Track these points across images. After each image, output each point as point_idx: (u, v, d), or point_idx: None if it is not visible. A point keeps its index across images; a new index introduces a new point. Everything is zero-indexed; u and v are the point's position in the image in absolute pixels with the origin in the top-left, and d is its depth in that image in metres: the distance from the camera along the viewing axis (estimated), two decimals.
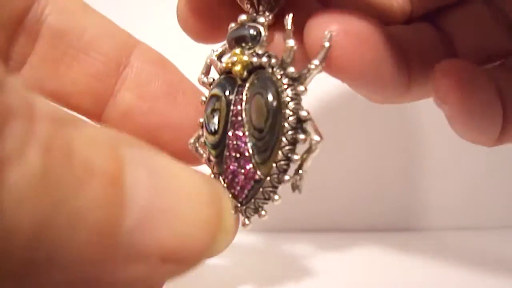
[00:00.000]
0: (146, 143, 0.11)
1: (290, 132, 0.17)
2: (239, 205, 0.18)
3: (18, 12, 0.18)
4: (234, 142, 0.17)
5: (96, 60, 0.19)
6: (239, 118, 0.17)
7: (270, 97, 0.17)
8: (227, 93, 0.18)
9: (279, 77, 0.17)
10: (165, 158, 0.11)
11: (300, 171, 0.17)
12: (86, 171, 0.09)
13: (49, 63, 0.18)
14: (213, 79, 0.19)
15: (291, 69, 0.17)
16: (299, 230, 0.33)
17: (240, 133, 0.17)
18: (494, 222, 0.35)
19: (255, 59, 0.17)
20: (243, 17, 0.18)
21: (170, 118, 0.20)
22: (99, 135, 0.10)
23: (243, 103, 0.17)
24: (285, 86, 0.17)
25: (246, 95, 0.17)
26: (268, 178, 0.17)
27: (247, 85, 0.17)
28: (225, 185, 0.18)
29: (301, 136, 0.17)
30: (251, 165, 0.17)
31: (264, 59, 0.17)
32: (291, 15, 0.17)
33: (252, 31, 0.18)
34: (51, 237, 0.09)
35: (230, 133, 0.18)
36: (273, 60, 0.17)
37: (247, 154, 0.17)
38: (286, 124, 0.17)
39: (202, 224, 0.11)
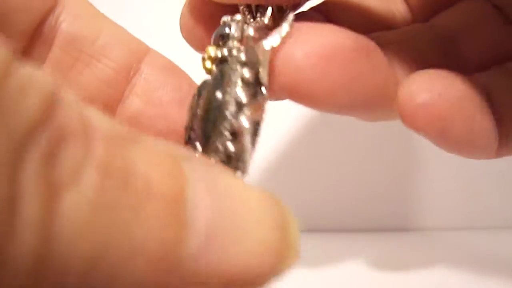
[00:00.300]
0: (205, 159, 0.11)
1: (230, 121, 0.15)
2: None
3: (37, 21, 0.18)
4: (191, 136, 0.17)
5: (107, 67, 0.19)
6: (198, 111, 0.17)
7: (214, 86, 0.16)
8: (199, 89, 0.18)
9: (234, 65, 0.16)
10: (227, 176, 0.11)
11: (240, 163, 0.15)
12: (146, 192, 0.09)
13: (61, 69, 0.18)
14: None
15: (241, 56, 0.16)
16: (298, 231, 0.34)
17: (195, 126, 0.17)
18: (494, 222, 0.35)
19: (219, 53, 0.17)
20: (224, 18, 0.18)
21: (178, 124, 0.20)
22: (159, 151, 0.10)
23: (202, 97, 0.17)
24: (234, 73, 0.16)
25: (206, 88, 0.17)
26: None
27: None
28: None
29: (237, 125, 0.15)
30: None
31: (225, 51, 0.17)
32: (270, 9, 0.17)
33: (226, 29, 0.17)
34: (108, 264, 0.08)
35: (191, 127, 0.17)
36: (234, 52, 0.16)
37: (195, 146, 0.16)
38: (224, 112, 0.15)
39: (269, 248, 0.10)
